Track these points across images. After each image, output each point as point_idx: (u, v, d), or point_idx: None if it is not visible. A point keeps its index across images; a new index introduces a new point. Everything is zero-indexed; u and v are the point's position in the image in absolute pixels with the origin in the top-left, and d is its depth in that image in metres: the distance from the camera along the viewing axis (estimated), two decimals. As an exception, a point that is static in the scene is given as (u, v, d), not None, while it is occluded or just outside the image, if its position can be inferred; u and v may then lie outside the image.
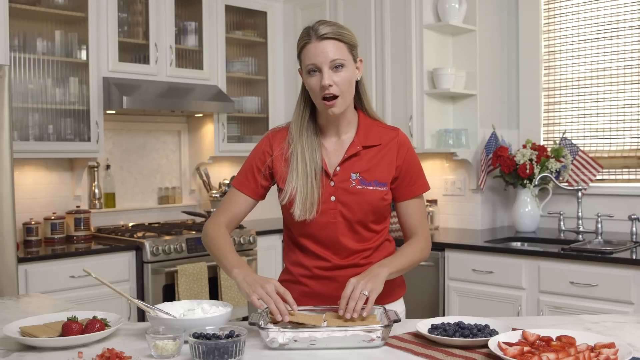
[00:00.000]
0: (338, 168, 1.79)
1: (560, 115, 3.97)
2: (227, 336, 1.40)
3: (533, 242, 3.65)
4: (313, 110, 1.84)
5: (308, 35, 1.73)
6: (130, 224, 4.15)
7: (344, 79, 1.72)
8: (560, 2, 3.94)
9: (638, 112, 3.65)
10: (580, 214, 3.68)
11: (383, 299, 1.83)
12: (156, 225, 4.16)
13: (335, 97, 1.72)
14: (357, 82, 1.82)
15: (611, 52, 3.73)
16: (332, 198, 1.79)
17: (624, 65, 3.69)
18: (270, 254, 4.15)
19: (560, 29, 3.95)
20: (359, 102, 1.86)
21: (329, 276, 1.82)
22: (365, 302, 1.57)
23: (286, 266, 1.93)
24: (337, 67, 1.71)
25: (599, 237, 3.47)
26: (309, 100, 1.82)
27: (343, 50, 1.72)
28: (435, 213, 4.13)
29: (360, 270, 1.79)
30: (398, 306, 1.92)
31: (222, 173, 4.62)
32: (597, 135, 3.81)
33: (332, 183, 1.79)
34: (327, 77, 1.70)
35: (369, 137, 1.82)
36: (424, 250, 1.86)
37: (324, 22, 1.74)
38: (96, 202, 4.02)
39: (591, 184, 3.75)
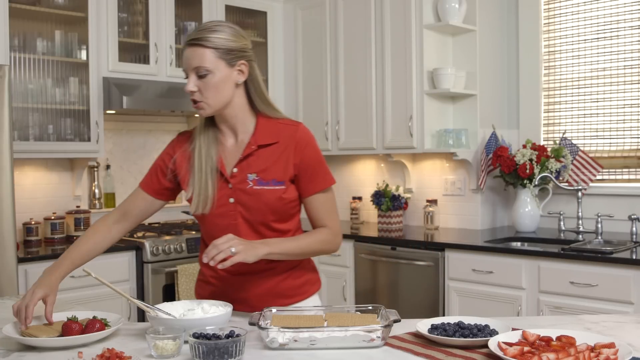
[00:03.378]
0: (235, 170, 1.79)
1: (560, 115, 3.97)
2: (227, 336, 1.40)
3: (533, 242, 3.65)
4: None
5: (185, 40, 1.75)
6: (130, 224, 4.14)
7: (208, 85, 1.71)
8: (560, 2, 3.94)
9: (638, 112, 3.65)
10: (580, 214, 3.68)
11: (294, 297, 1.87)
12: (156, 225, 4.16)
13: (201, 100, 1.73)
14: (246, 83, 1.79)
15: (611, 52, 3.73)
16: (231, 200, 1.79)
17: (624, 65, 3.69)
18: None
19: (560, 29, 3.95)
20: (259, 104, 1.83)
21: (235, 279, 1.84)
22: (227, 259, 1.60)
23: (200, 266, 1.96)
24: (200, 74, 1.71)
25: (599, 237, 3.47)
26: None
27: (209, 56, 1.70)
28: (435, 213, 4.13)
29: (268, 273, 1.82)
30: (311, 302, 1.93)
31: (222, 173, 4.62)
32: (597, 135, 3.81)
33: (229, 185, 1.79)
34: (190, 84, 1.72)
35: (265, 136, 1.80)
36: (326, 243, 1.84)
37: (201, 26, 1.74)
38: (96, 202, 4.02)
39: (591, 184, 3.75)
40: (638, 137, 3.65)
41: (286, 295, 1.86)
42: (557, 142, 3.86)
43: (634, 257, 2.95)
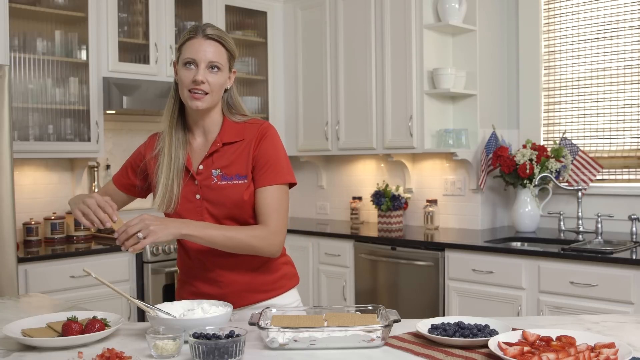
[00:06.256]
0: (201, 167, 1.84)
1: (560, 115, 3.97)
2: (227, 336, 1.40)
3: (533, 242, 3.65)
4: (182, 108, 1.87)
5: (195, 31, 1.78)
6: (130, 224, 4.14)
7: (216, 80, 1.78)
8: (560, 2, 3.94)
9: (638, 112, 3.65)
10: (580, 214, 3.68)
11: (270, 292, 1.88)
12: (156, 225, 4.15)
13: (205, 93, 1.76)
14: (225, 91, 1.86)
15: (611, 52, 3.73)
16: (197, 196, 1.83)
17: (624, 65, 3.69)
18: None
19: (560, 29, 3.95)
20: (226, 110, 1.88)
21: (210, 277, 1.86)
22: (136, 243, 1.65)
23: (178, 267, 1.99)
24: (212, 67, 1.77)
25: (599, 237, 3.47)
26: (179, 97, 1.84)
27: (223, 55, 1.79)
28: (435, 213, 4.13)
29: (242, 264, 1.83)
30: (289, 297, 1.93)
31: (222, 173, 4.61)
32: (597, 135, 3.81)
33: (195, 182, 1.83)
34: (201, 74, 1.75)
35: (231, 134, 1.85)
36: (259, 239, 1.77)
37: (212, 26, 1.81)
38: (96, 202, 4.02)
39: (591, 184, 3.75)
40: (638, 137, 3.65)
41: (262, 290, 1.87)
42: (557, 142, 3.86)
43: (634, 257, 2.95)
